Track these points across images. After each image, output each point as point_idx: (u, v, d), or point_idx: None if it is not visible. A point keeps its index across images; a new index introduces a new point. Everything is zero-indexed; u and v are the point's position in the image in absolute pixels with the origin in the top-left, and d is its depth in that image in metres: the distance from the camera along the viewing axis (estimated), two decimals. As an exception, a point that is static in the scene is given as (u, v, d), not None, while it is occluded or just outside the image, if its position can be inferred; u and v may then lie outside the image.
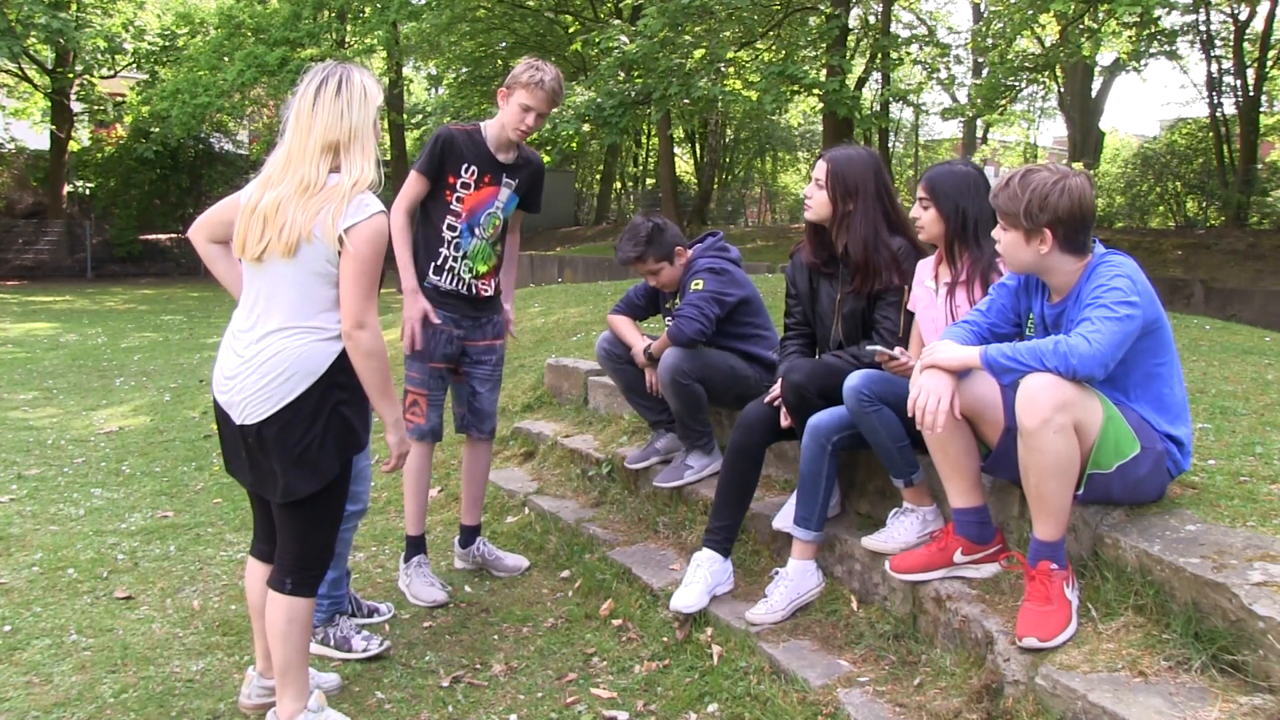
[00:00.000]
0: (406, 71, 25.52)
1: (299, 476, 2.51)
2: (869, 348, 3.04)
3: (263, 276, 2.53)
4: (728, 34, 14.98)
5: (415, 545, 3.78)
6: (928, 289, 3.13)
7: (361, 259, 2.44)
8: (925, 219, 3.04)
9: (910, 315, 3.23)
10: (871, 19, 18.30)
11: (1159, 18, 13.13)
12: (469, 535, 3.98)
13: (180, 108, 20.18)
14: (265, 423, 2.49)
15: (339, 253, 2.45)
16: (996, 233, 2.62)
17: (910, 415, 2.58)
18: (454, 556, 4.03)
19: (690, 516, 3.86)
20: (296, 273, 2.48)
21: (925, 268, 3.17)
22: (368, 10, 20.36)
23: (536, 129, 3.62)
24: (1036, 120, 28.12)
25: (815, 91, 14.91)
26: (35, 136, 25.79)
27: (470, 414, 3.83)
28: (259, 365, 2.48)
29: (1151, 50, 15.99)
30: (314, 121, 2.49)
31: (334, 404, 2.51)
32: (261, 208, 2.49)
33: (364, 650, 3.17)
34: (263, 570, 2.74)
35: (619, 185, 32.17)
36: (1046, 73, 18.30)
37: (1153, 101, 75.02)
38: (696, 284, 3.74)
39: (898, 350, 2.93)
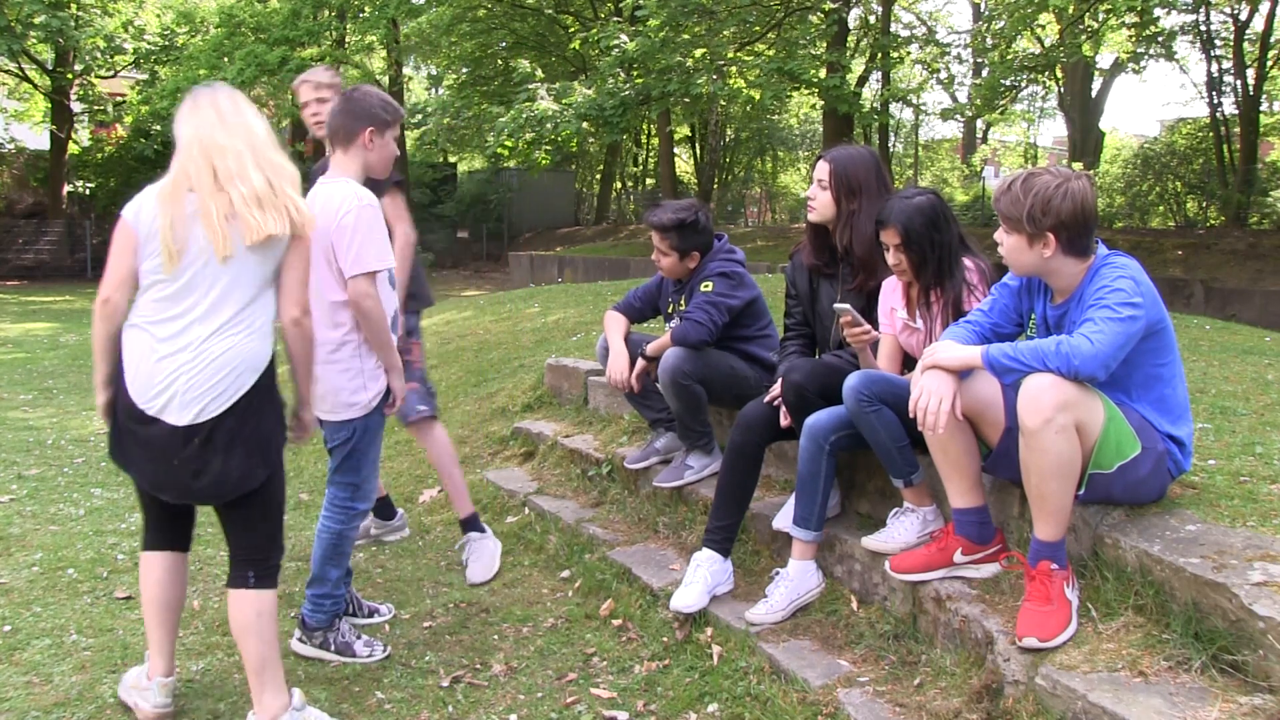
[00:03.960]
0: (406, 71, 25.51)
1: (250, 467, 2.55)
2: (838, 305, 3.03)
3: None
4: (727, 33, 14.99)
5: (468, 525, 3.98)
6: (899, 318, 3.13)
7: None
8: (905, 262, 2.99)
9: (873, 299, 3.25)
10: (871, 19, 18.31)
11: (1158, 18, 13.14)
12: (466, 527, 3.99)
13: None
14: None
15: None
16: (999, 236, 2.61)
17: (911, 416, 2.58)
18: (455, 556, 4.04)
19: (690, 516, 3.86)
20: None
21: (894, 293, 3.16)
22: (367, 9, 20.35)
23: (320, 121, 3.67)
24: (1036, 120, 28.14)
25: (814, 89, 14.93)
26: (35, 136, 25.75)
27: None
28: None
29: (1151, 51, 15.99)
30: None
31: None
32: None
33: (368, 656, 3.18)
34: (160, 560, 2.75)
35: (619, 185, 32.18)
36: (1046, 73, 18.29)
37: (1153, 101, 75.21)
38: (706, 286, 3.72)
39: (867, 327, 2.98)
